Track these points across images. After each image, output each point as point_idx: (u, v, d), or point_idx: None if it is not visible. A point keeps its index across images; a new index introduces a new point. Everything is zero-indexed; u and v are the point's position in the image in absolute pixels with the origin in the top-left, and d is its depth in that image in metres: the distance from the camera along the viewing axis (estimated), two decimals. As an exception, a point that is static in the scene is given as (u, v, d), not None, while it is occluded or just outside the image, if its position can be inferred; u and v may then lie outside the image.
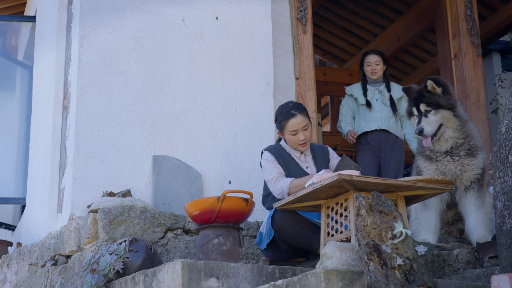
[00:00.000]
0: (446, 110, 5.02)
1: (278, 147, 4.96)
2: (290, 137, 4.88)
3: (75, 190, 5.26)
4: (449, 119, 5.03)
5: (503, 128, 3.84)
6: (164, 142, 5.56)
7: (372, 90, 6.76)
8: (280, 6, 6.35)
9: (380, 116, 6.64)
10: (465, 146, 5.08)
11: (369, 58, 6.78)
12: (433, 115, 5.03)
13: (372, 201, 3.44)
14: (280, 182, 4.70)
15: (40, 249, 5.66)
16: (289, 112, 4.88)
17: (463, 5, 7.23)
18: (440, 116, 5.02)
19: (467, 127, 5.10)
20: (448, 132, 5.06)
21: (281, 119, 4.90)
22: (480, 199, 5.07)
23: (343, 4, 9.50)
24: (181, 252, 5.00)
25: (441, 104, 5.03)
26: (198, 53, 5.83)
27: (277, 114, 4.96)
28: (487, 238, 4.86)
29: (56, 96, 5.79)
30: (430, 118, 5.03)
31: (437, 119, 5.02)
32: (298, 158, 4.92)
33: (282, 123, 4.89)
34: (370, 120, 6.67)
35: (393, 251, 3.26)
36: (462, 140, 5.08)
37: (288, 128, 4.87)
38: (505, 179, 3.75)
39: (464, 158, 5.07)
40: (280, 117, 4.91)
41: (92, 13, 5.62)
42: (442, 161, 5.10)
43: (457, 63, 7.19)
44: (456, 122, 5.04)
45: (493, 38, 9.15)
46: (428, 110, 5.04)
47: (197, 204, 4.44)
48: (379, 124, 6.62)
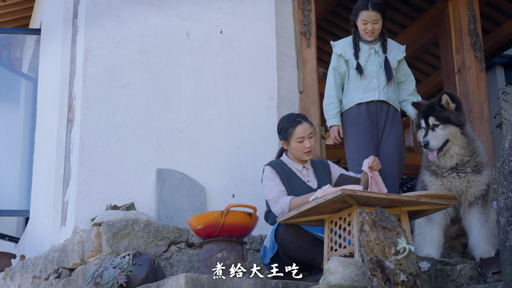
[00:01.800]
0: (454, 126, 5.03)
1: (280, 162, 4.97)
2: (297, 144, 4.92)
3: (79, 203, 5.27)
4: (456, 136, 5.04)
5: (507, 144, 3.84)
6: (168, 155, 5.57)
7: (366, 49, 5.74)
8: (284, 20, 6.37)
9: (378, 83, 5.66)
10: (471, 163, 5.08)
11: (366, 15, 5.66)
12: (441, 130, 5.03)
13: (375, 217, 3.44)
14: (280, 201, 4.73)
15: (43, 262, 5.66)
16: (295, 120, 4.97)
17: (467, 20, 7.25)
18: (448, 132, 5.02)
19: (474, 145, 5.11)
20: (454, 148, 5.06)
21: (288, 127, 4.95)
22: (484, 214, 5.07)
23: (347, 18, 9.51)
24: (184, 266, 5.00)
25: (451, 120, 5.03)
26: (202, 66, 5.85)
27: (282, 124, 5.00)
28: (490, 254, 4.86)
29: (60, 109, 5.81)
30: (437, 132, 5.03)
31: (444, 134, 5.02)
32: (300, 172, 4.95)
33: (289, 131, 4.94)
34: (365, 88, 5.64)
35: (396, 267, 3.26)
36: (468, 158, 5.08)
37: (296, 135, 4.93)
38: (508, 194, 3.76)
39: (470, 175, 5.07)
40: (287, 125, 4.97)
41: (97, 27, 5.65)
42: (448, 177, 5.10)
43: (460, 77, 7.20)
44: (463, 139, 5.05)
45: (496, 52, 9.16)
46: (436, 124, 5.04)
47: (200, 218, 4.45)
48: (376, 94, 5.65)
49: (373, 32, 5.67)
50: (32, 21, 8.22)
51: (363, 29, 5.66)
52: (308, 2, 6.52)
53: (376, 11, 5.63)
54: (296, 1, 6.48)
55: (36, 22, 7.86)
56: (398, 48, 5.84)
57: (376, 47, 5.73)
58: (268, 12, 6.14)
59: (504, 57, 9.71)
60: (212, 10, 5.98)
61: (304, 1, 6.50)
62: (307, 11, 6.49)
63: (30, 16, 8.28)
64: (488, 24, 8.86)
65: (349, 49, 5.73)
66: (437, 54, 9.27)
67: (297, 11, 6.46)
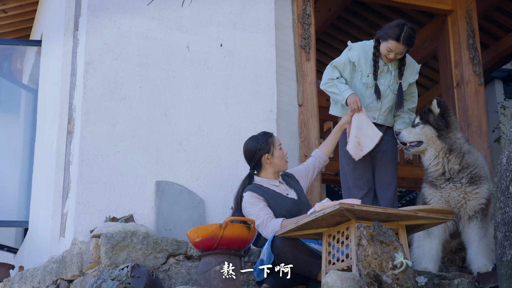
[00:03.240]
0: (431, 128, 5.15)
1: (256, 185, 5.05)
2: (279, 152, 5.12)
3: (78, 215, 5.28)
4: (432, 139, 5.18)
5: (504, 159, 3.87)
6: (167, 167, 5.58)
7: (381, 66, 5.50)
8: (284, 34, 6.40)
9: (381, 105, 5.50)
10: (467, 174, 5.12)
11: (395, 46, 5.33)
12: (419, 129, 5.25)
13: (373, 231, 3.46)
14: (270, 224, 4.79)
15: (42, 273, 5.66)
16: (266, 133, 5.20)
17: (466, 34, 7.28)
18: (423, 131, 5.22)
19: (469, 157, 5.15)
20: (430, 151, 5.16)
21: (266, 138, 5.13)
22: (483, 229, 5.10)
23: (346, 31, 9.56)
24: (182, 278, 5.00)
25: (430, 122, 5.21)
26: (202, 79, 5.87)
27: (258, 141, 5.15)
28: (488, 268, 4.87)
29: (60, 120, 5.83)
30: (414, 130, 5.26)
31: (419, 133, 5.23)
32: (278, 188, 5.05)
33: (269, 141, 5.13)
34: (366, 106, 5.46)
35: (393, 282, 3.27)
36: (457, 167, 5.12)
37: (277, 142, 5.13)
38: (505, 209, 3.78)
39: (466, 186, 5.11)
40: (263, 138, 5.14)
41: (98, 39, 5.68)
42: (445, 188, 5.15)
43: (459, 92, 7.23)
44: (439, 144, 5.15)
45: (495, 66, 9.19)
46: (418, 123, 5.28)
47: (199, 231, 4.46)
48: (376, 115, 5.52)
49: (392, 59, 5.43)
50: (33, 32, 8.25)
51: (385, 53, 5.39)
52: (308, 16, 6.55)
53: (405, 45, 5.35)
54: (296, 14, 6.51)
55: (37, 34, 7.89)
56: (412, 68, 5.62)
57: (390, 65, 5.49)
58: (268, 25, 6.17)
59: (502, 71, 9.75)
60: (212, 23, 6.01)
61: (304, 14, 6.53)
62: (306, 25, 6.52)
63: (31, 27, 8.31)
64: (487, 39, 8.90)
65: (364, 60, 5.47)
66: (436, 68, 9.30)
67: (297, 24, 6.50)
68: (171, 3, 5.90)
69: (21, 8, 7.90)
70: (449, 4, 7.40)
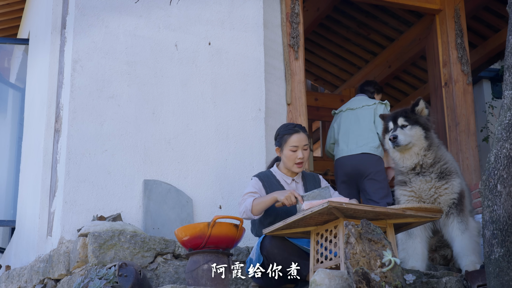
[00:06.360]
0: (421, 129, 5.20)
1: (268, 173, 4.95)
2: (290, 153, 4.87)
3: (65, 214, 5.26)
4: (420, 138, 5.19)
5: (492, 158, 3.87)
6: (155, 166, 5.57)
7: None
8: (273, 33, 6.39)
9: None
10: (436, 168, 5.15)
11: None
12: (409, 130, 5.20)
13: (361, 229, 3.46)
14: (245, 202, 4.70)
15: (29, 273, 5.64)
16: (293, 128, 4.93)
17: (454, 34, 7.30)
18: (414, 132, 5.20)
19: (439, 152, 5.24)
20: (414, 149, 5.19)
21: (284, 133, 4.92)
22: (463, 222, 5.12)
23: (335, 31, 9.57)
24: (170, 277, 4.99)
25: (419, 122, 5.22)
26: (190, 78, 5.86)
27: (280, 130, 4.98)
28: (475, 266, 4.88)
29: (48, 119, 5.80)
30: (405, 131, 5.19)
31: (411, 134, 5.19)
32: (289, 185, 4.92)
33: (284, 137, 4.90)
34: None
35: (382, 280, 3.27)
36: (431, 161, 5.15)
37: (290, 143, 4.87)
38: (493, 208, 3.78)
39: (436, 181, 5.14)
40: (284, 131, 4.94)
41: (85, 37, 5.65)
42: (415, 181, 5.17)
43: (447, 91, 7.25)
44: (424, 143, 5.20)
45: (483, 65, 9.22)
46: (405, 124, 5.23)
47: (187, 230, 4.45)
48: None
49: None
50: (20, 31, 8.21)
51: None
52: (297, 14, 6.55)
53: None
54: (285, 13, 6.50)
55: (24, 32, 7.85)
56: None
57: None
58: (257, 24, 6.16)
59: (491, 71, 9.79)
60: (200, 22, 6.00)
61: (292, 13, 6.53)
62: (295, 24, 6.52)
63: (18, 25, 8.27)
64: (475, 38, 8.93)
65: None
66: (424, 67, 9.33)
67: (285, 23, 6.49)
68: (159, 2, 5.89)
69: (8, 7, 7.87)
70: (437, 4, 7.42)
